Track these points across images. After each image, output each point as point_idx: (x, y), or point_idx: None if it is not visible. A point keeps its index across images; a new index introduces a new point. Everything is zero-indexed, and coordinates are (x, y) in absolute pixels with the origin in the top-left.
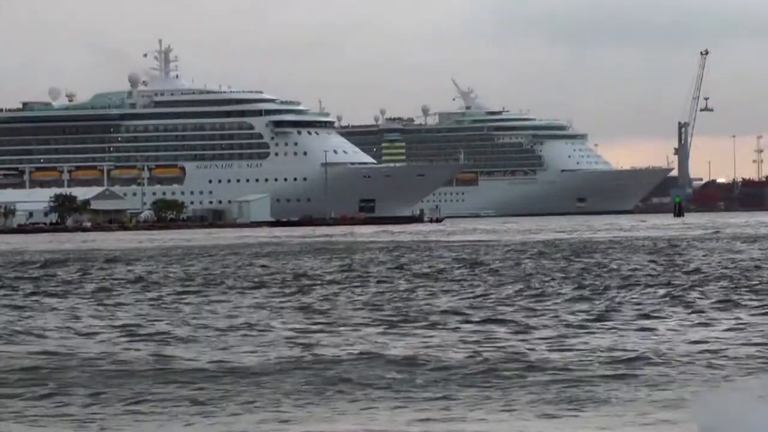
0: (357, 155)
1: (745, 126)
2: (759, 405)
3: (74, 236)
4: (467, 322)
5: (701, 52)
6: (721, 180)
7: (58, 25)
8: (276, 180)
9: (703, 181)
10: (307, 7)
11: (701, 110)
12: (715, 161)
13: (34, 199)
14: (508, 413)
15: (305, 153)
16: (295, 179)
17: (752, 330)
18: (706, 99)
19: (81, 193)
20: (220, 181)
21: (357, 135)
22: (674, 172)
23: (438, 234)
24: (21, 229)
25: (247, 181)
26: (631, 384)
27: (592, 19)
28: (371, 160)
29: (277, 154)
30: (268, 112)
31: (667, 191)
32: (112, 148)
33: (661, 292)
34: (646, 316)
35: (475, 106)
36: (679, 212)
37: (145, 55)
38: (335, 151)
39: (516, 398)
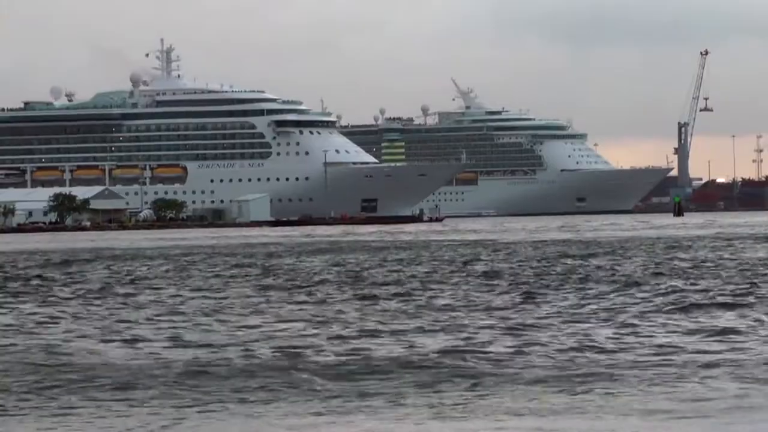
0: (359, 155)
1: (745, 126)
2: None
3: (87, 235)
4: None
5: (701, 52)
6: (720, 180)
7: (58, 24)
8: (278, 180)
9: (703, 181)
10: (307, 7)
11: (701, 110)
12: (715, 161)
13: (34, 199)
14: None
15: (307, 153)
16: (297, 179)
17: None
18: (706, 99)
19: (81, 192)
20: (222, 180)
21: (356, 135)
22: (674, 172)
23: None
24: (20, 229)
25: (249, 180)
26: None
27: (593, 19)
28: (373, 159)
29: (279, 154)
30: (270, 111)
31: (666, 191)
32: (113, 148)
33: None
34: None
35: (474, 106)
36: (678, 212)
37: (147, 55)
38: (337, 151)
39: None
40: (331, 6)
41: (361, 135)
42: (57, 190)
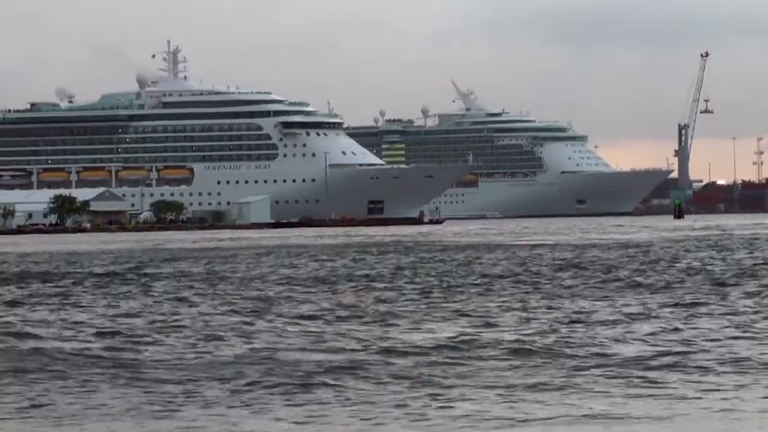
0: (365, 156)
1: (745, 128)
2: None
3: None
4: None
5: (701, 54)
6: (721, 182)
7: (59, 24)
8: (284, 181)
9: (703, 183)
10: (307, 7)
11: (701, 112)
12: (715, 163)
13: (34, 200)
14: None
15: (314, 154)
16: (304, 180)
17: None
18: (707, 101)
19: (81, 194)
20: (228, 182)
21: (357, 136)
22: (674, 174)
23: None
24: (20, 230)
25: (256, 182)
26: None
27: (593, 19)
28: (380, 161)
29: (285, 156)
30: (277, 113)
31: (667, 193)
32: (120, 149)
33: None
34: None
35: (474, 108)
36: (679, 214)
37: (154, 56)
38: (344, 153)
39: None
40: (331, 6)
41: (361, 137)
42: (63, 191)
